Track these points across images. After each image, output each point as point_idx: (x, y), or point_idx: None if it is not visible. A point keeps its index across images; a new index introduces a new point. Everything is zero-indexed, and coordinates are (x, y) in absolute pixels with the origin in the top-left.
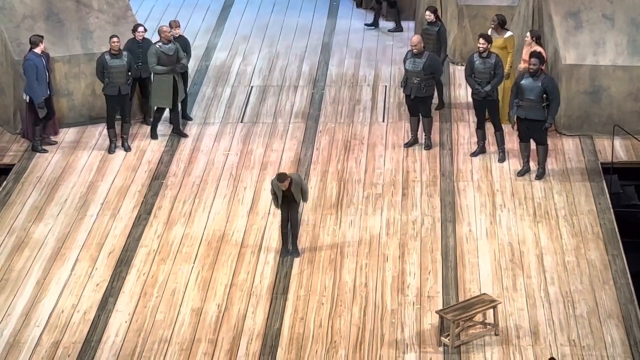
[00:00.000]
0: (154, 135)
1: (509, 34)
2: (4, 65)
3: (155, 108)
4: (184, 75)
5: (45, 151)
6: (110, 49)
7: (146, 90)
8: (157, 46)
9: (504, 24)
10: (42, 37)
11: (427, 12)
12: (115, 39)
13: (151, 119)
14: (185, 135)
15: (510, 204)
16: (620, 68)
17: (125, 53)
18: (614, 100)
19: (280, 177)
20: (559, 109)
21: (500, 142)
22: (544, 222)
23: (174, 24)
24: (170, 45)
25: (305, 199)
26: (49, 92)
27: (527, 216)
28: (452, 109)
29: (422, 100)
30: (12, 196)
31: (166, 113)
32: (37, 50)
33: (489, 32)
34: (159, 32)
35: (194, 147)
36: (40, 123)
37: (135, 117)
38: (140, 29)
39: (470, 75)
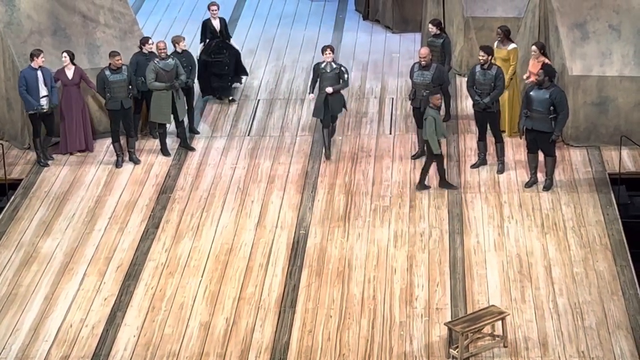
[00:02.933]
0: (165, 152)
1: (512, 45)
2: (11, 80)
3: (158, 124)
4: (189, 90)
5: (47, 165)
6: (110, 65)
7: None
8: (155, 62)
9: (508, 35)
10: (41, 51)
11: (430, 25)
12: (118, 57)
13: (157, 133)
14: (193, 149)
15: (518, 215)
16: (627, 79)
17: (125, 67)
18: (621, 111)
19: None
20: (567, 120)
21: (500, 154)
22: (552, 234)
23: (178, 39)
24: (168, 61)
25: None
26: (40, 106)
27: (535, 227)
28: (459, 121)
29: None
30: (20, 211)
31: (173, 127)
32: (33, 63)
33: (495, 44)
34: (156, 49)
35: (201, 160)
36: (39, 136)
37: (142, 132)
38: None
39: (471, 86)
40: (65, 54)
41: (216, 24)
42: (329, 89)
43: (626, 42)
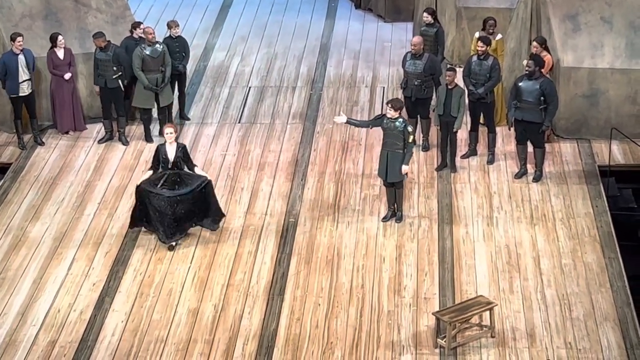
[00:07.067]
0: (148, 138)
1: (499, 36)
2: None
3: (143, 110)
4: (180, 76)
5: (24, 147)
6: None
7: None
8: (142, 47)
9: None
10: (18, 34)
11: (425, 14)
12: (99, 39)
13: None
14: None
15: (507, 206)
16: (618, 71)
17: (113, 46)
18: (611, 103)
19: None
20: (557, 111)
21: (492, 145)
22: (540, 225)
23: (172, 24)
24: (155, 46)
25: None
26: (19, 92)
27: (524, 218)
28: None
29: (422, 101)
30: (9, 195)
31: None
32: (13, 47)
33: (477, 34)
34: (144, 34)
35: (191, 147)
36: (20, 118)
37: (134, 117)
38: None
39: (467, 75)
40: (61, 36)
41: (170, 151)
42: (405, 169)
43: (618, 34)
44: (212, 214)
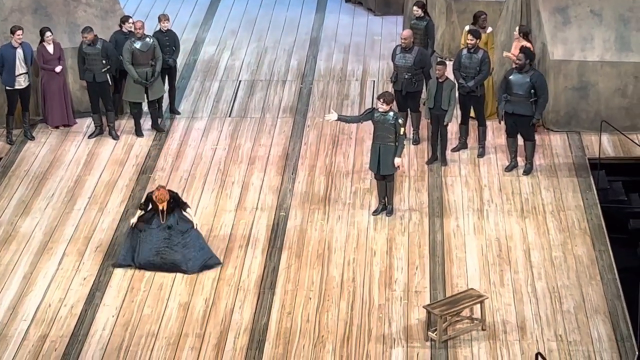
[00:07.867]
0: (138, 132)
1: (489, 29)
2: None
3: (133, 104)
4: (170, 70)
5: (12, 142)
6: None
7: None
8: (131, 41)
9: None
10: (18, 27)
11: (415, 7)
12: (87, 34)
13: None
14: (162, 130)
15: (498, 199)
16: (608, 64)
17: (101, 41)
18: (601, 96)
19: None
20: (547, 104)
21: (482, 138)
22: (531, 218)
23: (163, 18)
24: (146, 40)
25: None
26: (15, 85)
27: (515, 211)
28: None
29: (412, 95)
30: None
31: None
32: (12, 41)
33: (467, 28)
34: (133, 28)
35: (181, 141)
36: (13, 113)
37: (124, 112)
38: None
39: (457, 69)
40: (48, 32)
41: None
42: (397, 161)
43: (607, 27)
44: (196, 260)
